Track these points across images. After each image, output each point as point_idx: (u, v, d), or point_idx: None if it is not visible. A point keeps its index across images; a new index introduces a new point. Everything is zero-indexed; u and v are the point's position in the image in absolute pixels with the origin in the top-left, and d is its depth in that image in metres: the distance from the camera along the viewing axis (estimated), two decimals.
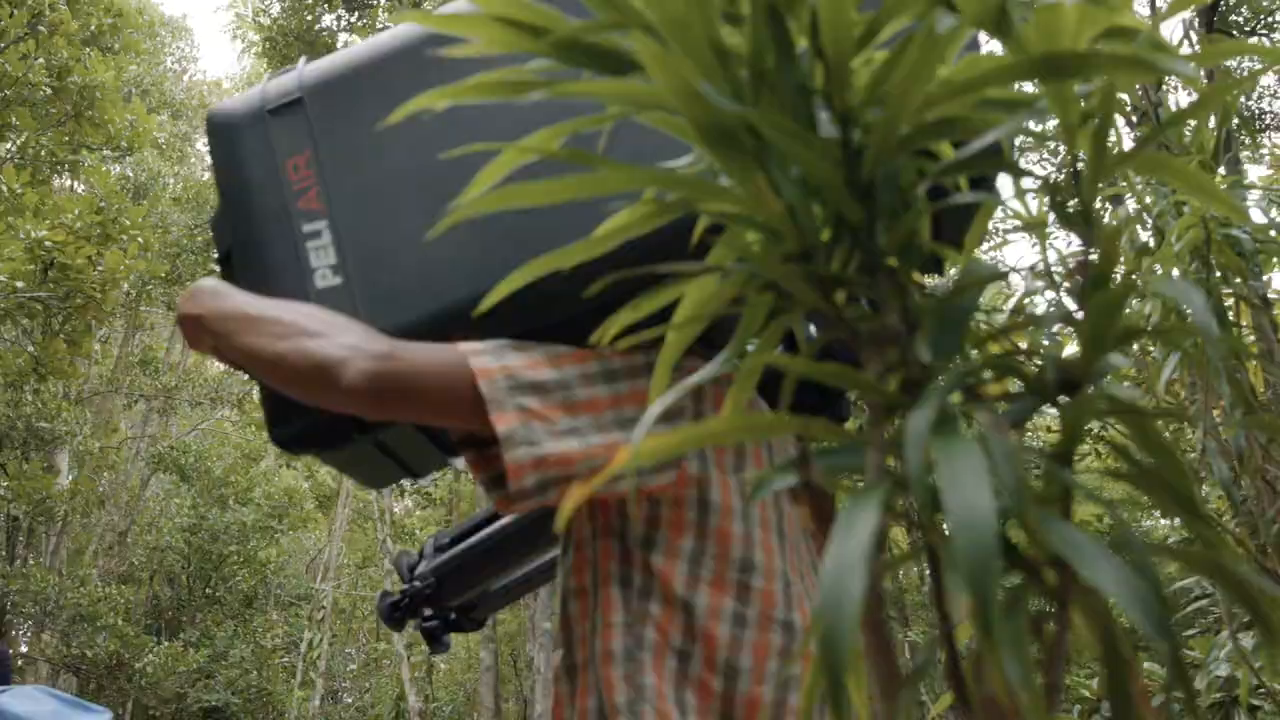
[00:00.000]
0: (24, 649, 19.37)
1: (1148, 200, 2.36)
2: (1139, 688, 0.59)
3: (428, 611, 1.91)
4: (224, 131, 1.48)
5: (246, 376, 1.42)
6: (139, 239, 8.98)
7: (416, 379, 1.22)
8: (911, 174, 0.74)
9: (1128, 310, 0.80)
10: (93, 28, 10.43)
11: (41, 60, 9.36)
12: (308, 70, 1.49)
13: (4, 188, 8.26)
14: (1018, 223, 0.93)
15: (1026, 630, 0.56)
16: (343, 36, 13.16)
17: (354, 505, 25.92)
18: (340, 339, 1.23)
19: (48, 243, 8.00)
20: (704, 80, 0.66)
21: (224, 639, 21.31)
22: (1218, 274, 2.23)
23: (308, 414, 1.33)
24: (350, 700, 26.56)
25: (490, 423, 1.20)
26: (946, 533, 0.58)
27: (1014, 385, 0.70)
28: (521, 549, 1.53)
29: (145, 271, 9.32)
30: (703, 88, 0.64)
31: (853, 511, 0.55)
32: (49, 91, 9.61)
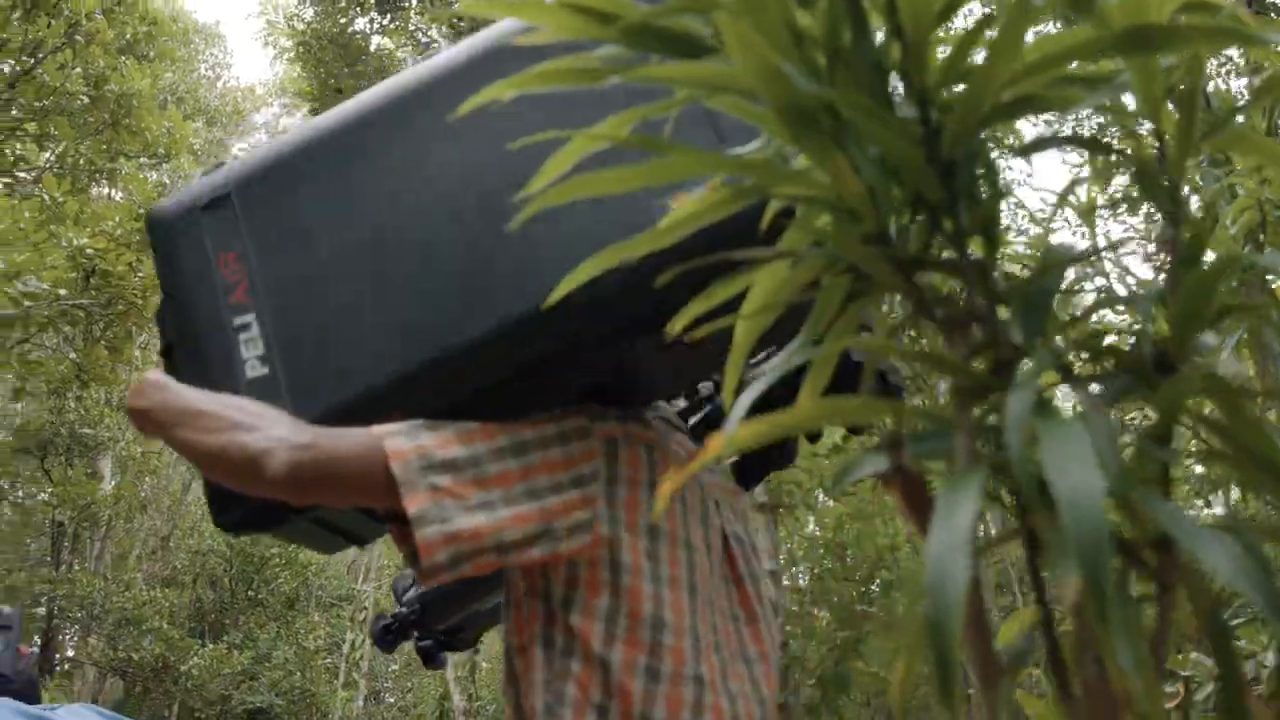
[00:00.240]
0: (70, 653, 19.57)
1: (1199, 181, 2.33)
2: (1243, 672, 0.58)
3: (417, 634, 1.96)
4: (161, 230, 1.56)
5: None
6: None
7: (335, 466, 1.29)
8: (989, 153, 0.73)
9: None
10: (128, 36, 10.51)
11: (79, 70, 9.44)
12: (236, 166, 1.55)
13: (45, 196, 8.34)
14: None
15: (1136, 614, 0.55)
16: (375, 39, 13.22)
17: None
18: (266, 432, 1.31)
19: (89, 250, 8.07)
20: (783, 61, 0.65)
21: (267, 641, 21.45)
22: None
23: (244, 500, 1.40)
24: (393, 700, 26.69)
25: (410, 509, 1.27)
26: (1049, 515, 0.57)
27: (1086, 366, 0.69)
28: (497, 576, 1.56)
29: None
30: (784, 67, 0.63)
31: (951, 496, 0.54)
32: (86, 100, 9.69)
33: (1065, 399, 0.88)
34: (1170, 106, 0.72)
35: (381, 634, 1.80)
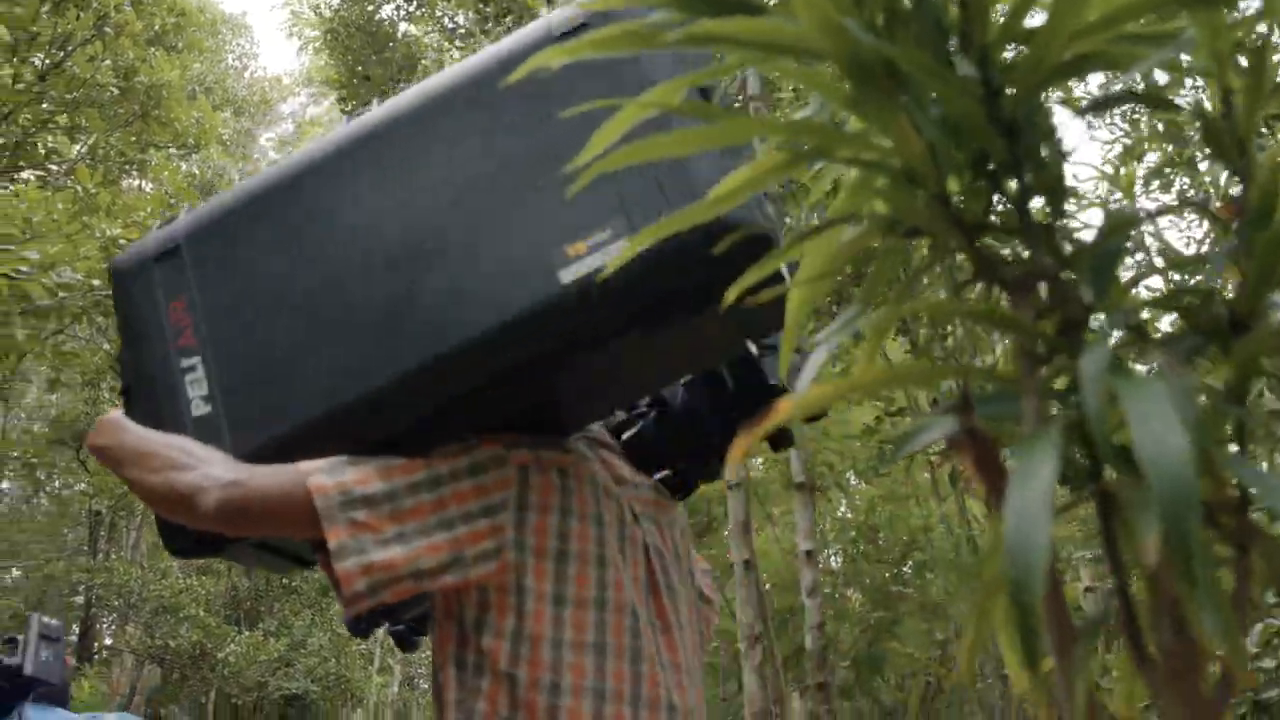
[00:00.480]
0: (108, 641, 19.78)
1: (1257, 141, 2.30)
2: None
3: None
4: (119, 279, 1.68)
5: None
6: None
7: (260, 502, 1.42)
8: (1049, 112, 0.71)
9: None
10: (156, 28, 10.55)
11: (108, 62, 9.49)
12: (188, 217, 1.67)
13: (78, 188, 8.39)
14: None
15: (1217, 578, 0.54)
16: (402, 26, 13.23)
17: None
18: (199, 470, 1.44)
19: (121, 240, 8.11)
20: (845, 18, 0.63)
21: (302, 628, 21.60)
22: None
23: (187, 530, 1.54)
24: (427, 686, 26.85)
25: (331, 543, 1.38)
26: (1127, 476, 0.56)
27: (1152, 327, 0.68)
28: None
29: None
30: (847, 24, 0.62)
31: (1029, 456, 0.53)
32: (116, 92, 9.75)
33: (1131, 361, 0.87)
34: (1237, 62, 0.71)
35: (354, 622, 1.83)
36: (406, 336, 1.43)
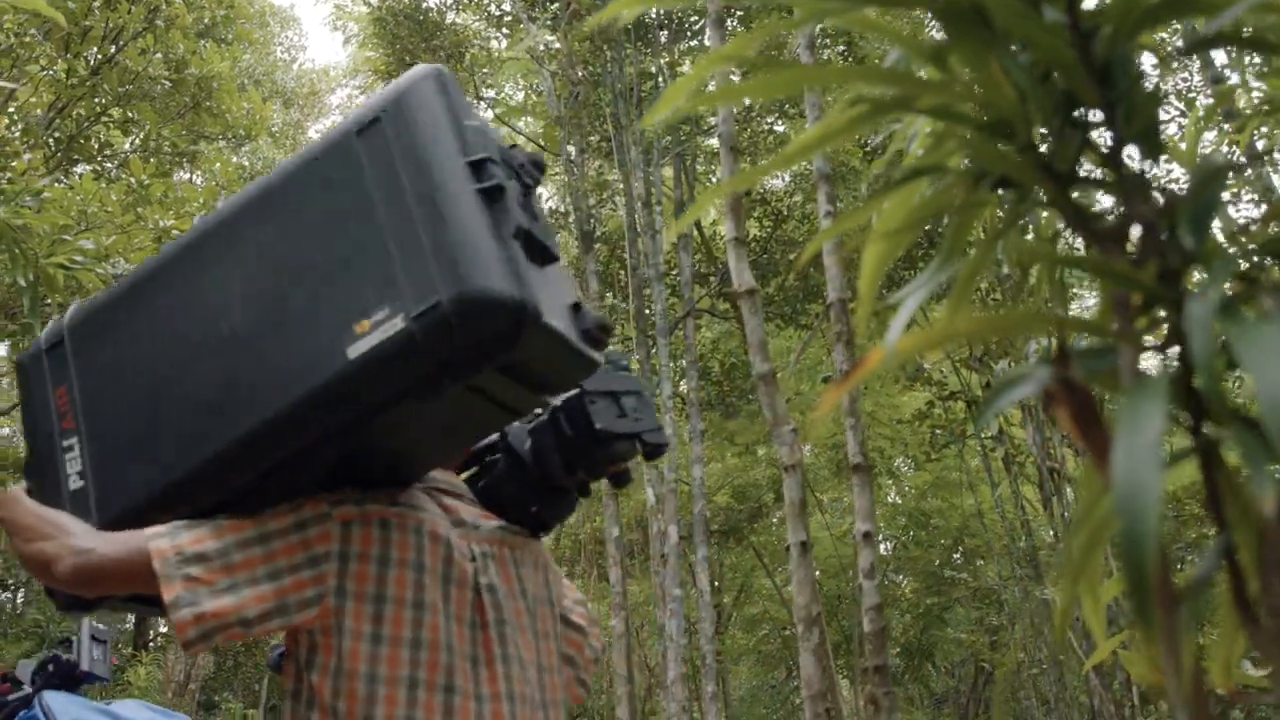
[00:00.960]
0: (163, 629, 20.03)
1: None
2: None
3: None
4: (21, 371, 1.93)
5: None
6: None
7: (108, 568, 1.64)
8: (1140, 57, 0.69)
9: None
10: (206, 20, 10.61)
11: (160, 54, 9.56)
12: (74, 309, 1.89)
13: (131, 180, 8.45)
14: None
15: None
16: (450, 15, 13.25)
17: None
18: (59, 540, 1.67)
19: (174, 231, 8.17)
20: None
21: None
22: None
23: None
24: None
25: (166, 597, 1.57)
26: (1239, 426, 0.53)
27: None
28: None
29: None
30: None
31: (1135, 408, 0.51)
32: (168, 85, 9.82)
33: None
34: None
35: (276, 661, 1.88)
36: (231, 412, 1.63)
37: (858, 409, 3.50)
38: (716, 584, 17.07)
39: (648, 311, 9.97)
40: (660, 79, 10.83)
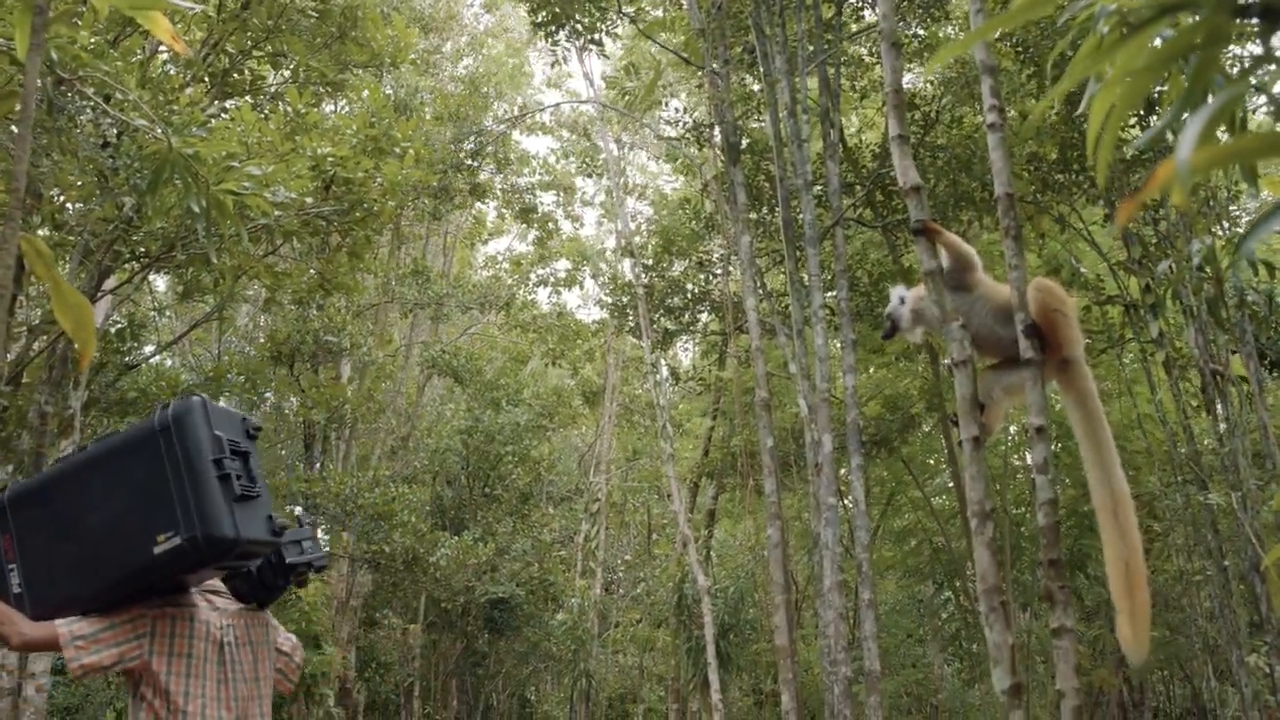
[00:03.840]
0: (326, 548, 20.81)
1: None
2: None
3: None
4: None
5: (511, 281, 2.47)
6: (410, 151, 9.32)
7: (37, 643, 3.34)
8: None
9: None
10: None
11: None
12: (9, 490, 3.50)
13: (288, 110, 8.70)
14: None
15: None
16: None
17: (621, 400, 26.57)
18: (14, 627, 3.29)
19: (330, 159, 8.39)
20: None
21: (505, 534, 22.32)
22: None
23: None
24: (624, 592, 27.49)
25: (65, 656, 3.32)
26: None
27: None
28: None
29: (420, 181, 9.68)
30: None
31: None
32: (314, 16, 10.01)
33: None
34: None
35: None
36: (98, 570, 3.30)
37: (1026, 303, 3.44)
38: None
39: (796, 222, 9.91)
40: None
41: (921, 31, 12.82)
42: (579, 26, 13.72)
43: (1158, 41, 0.77)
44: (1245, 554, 9.11)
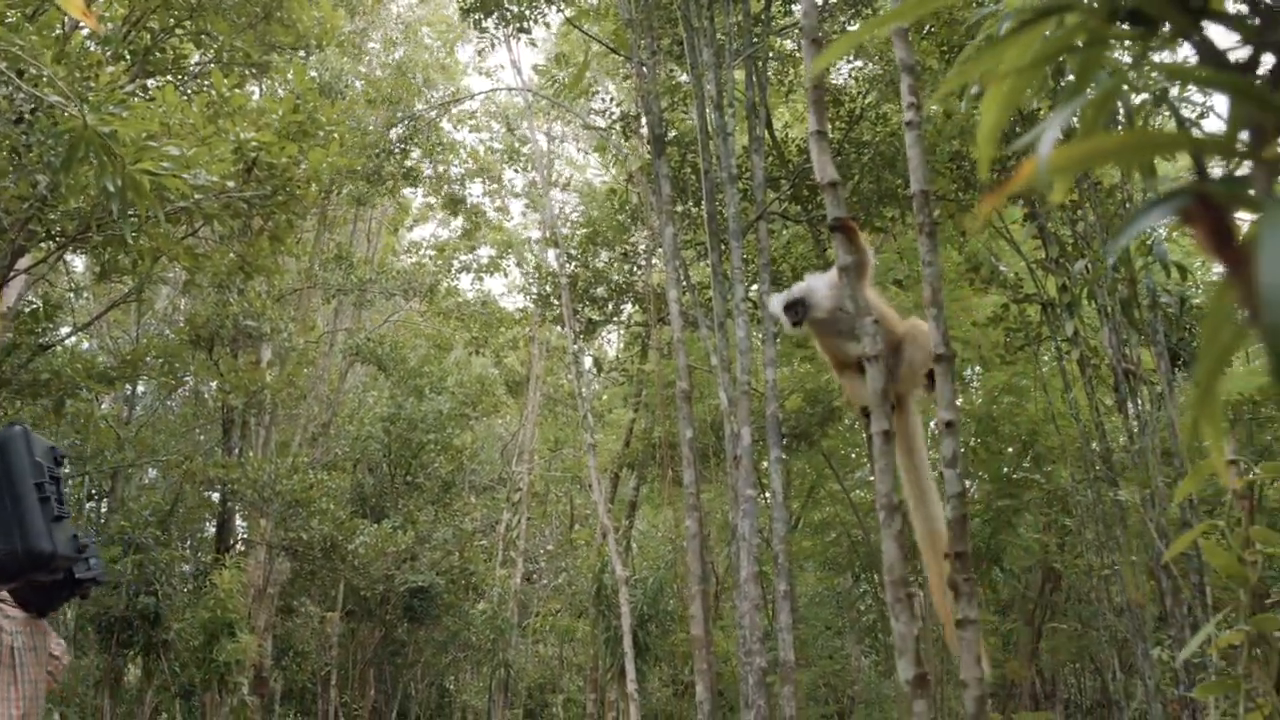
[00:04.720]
0: (243, 535, 20.56)
1: None
2: None
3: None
4: None
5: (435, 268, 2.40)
6: (335, 135, 9.23)
7: None
8: None
9: None
10: None
11: None
12: None
13: (211, 92, 8.56)
14: None
15: None
16: None
17: (544, 390, 26.52)
18: None
19: (254, 143, 8.27)
20: None
21: (425, 523, 22.18)
22: None
23: None
24: (545, 582, 27.45)
25: None
26: None
27: None
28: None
29: (344, 166, 9.58)
30: None
31: (1274, 220, 0.54)
32: None
33: None
34: None
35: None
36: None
37: (940, 299, 3.50)
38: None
39: (720, 215, 9.96)
40: None
41: (851, 28, 12.92)
42: (508, 14, 13.65)
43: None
44: (1152, 550, 9.31)
